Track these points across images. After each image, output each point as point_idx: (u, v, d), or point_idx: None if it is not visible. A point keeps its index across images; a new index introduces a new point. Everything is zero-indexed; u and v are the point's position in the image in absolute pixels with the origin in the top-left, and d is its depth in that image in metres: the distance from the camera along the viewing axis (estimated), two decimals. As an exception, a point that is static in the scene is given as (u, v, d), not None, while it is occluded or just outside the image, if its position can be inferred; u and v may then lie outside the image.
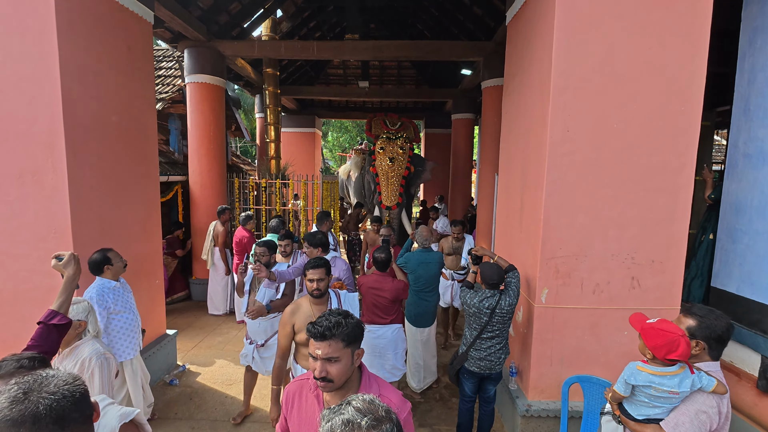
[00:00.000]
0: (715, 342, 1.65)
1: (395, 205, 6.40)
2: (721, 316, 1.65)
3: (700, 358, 1.67)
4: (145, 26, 3.69)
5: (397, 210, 6.46)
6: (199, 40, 5.86)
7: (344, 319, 1.35)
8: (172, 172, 5.95)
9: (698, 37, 2.64)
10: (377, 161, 6.57)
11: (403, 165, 6.52)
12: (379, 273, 3.20)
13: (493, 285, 2.71)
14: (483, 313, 2.68)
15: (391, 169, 6.40)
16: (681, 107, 2.69)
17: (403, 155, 6.54)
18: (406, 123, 7.13)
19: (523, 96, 3.33)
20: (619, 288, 2.86)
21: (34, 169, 2.82)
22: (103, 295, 2.74)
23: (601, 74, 2.69)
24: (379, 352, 3.17)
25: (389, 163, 6.41)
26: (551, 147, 2.75)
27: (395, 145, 6.59)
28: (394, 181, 6.41)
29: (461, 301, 2.84)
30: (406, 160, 6.56)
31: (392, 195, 6.40)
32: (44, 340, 1.51)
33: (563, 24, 2.67)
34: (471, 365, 2.77)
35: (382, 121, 7.07)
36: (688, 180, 2.75)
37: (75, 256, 1.70)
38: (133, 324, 2.93)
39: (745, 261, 3.11)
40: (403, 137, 6.77)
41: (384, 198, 6.43)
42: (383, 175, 6.47)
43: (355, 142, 21.25)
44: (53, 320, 1.55)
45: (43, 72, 2.74)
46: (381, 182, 6.51)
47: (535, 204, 2.95)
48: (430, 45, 6.31)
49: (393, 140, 6.68)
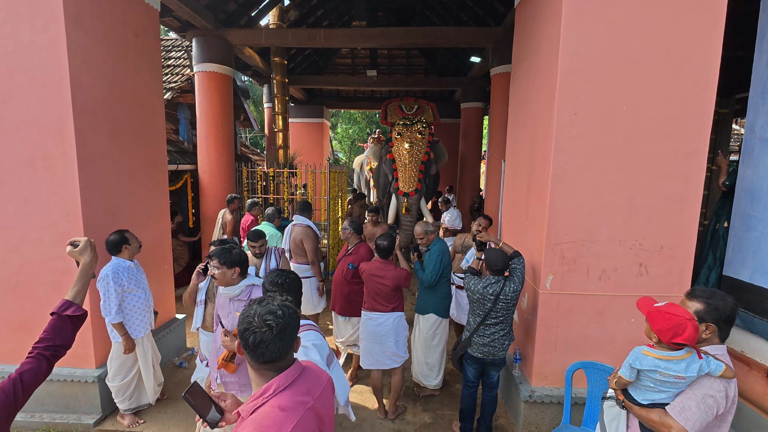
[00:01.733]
0: (724, 323, 1.62)
1: (413, 192, 6.01)
2: (725, 296, 1.63)
3: (710, 341, 1.64)
4: (152, 13, 3.71)
5: (416, 196, 6.06)
6: (206, 29, 5.88)
7: None
8: (181, 161, 6.02)
9: (714, 15, 2.54)
10: (394, 147, 6.25)
11: (422, 150, 6.17)
12: (381, 260, 3.16)
13: (498, 271, 2.69)
14: (487, 299, 2.67)
15: (410, 153, 6.06)
16: (694, 90, 2.60)
17: (422, 140, 6.18)
18: (424, 105, 6.73)
19: (531, 80, 3.26)
20: (626, 275, 2.81)
21: (45, 155, 2.88)
22: (118, 273, 2.88)
23: (611, 56, 2.62)
24: (380, 339, 3.15)
25: (407, 148, 6.06)
26: (558, 130, 2.70)
27: (413, 130, 6.24)
28: (413, 167, 6.05)
29: (465, 286, 2.83)
30: (425, 144, 6.20)
31: (410, 181, 6.02)
32: (57, 332, 1.39)
33: (572, 4, 2.60)
34: (474, 351, 2.77)
35: (397, 107, 6.74)
36: (701, 166, 2.67)
37: (91, 243, 1.58)
38: (144, 303, 3.06)
39: (760, 249, 3.02)
40: (421, 121, 6.40)
41: (401, 184, 6.06)
42: (400, 160, 6.13)
43: (364, 133, 21.14)
44: (68, 311, 1.42)
45: (52, 59, 2.78)
46: (398, 168, 6.16)
47: (542, 189, 2.91)
48: (438, 31, 6.21)
49: (410, 125, 6.32)
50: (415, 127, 6.29)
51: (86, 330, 3.06)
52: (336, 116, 21.38)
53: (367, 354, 3.21)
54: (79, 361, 3.11)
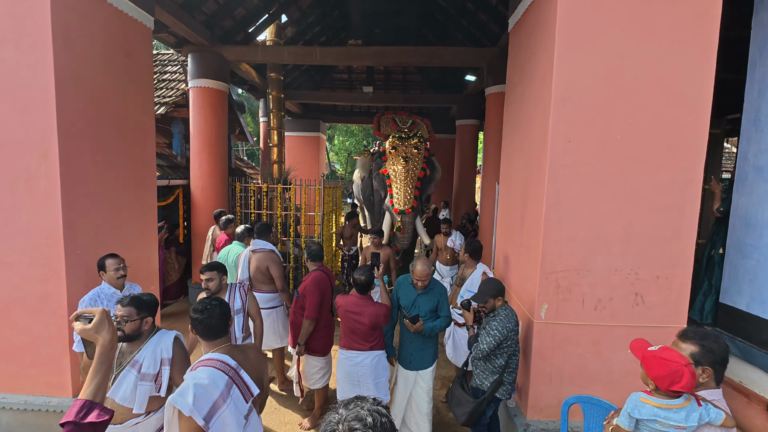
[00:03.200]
0: (719, 366, 1.57)
1: (409, 209, 5.66)
2: (718, 337, 1.58)
3: (707, 385, 1.57)
4: (144, 32, 3.68)
5: (412, 214, 5.71)
6: (202, 45, 5.87)
7: None
8: (173, 176, 5.95)
9: (706, 49, 2.54)
10: (388, 162, 5.92)
11: (419, 166, 5.89)
12: (358, 295, 2.89)
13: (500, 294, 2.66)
14: (514, 331, 2.60)
15: (405, 169, 5.75)
16: (688, 120, 2.59)
17: (418, 155, 5.93)
18: (418, 121, 6.52)
19: (524, 106, 3.25)
20: (622, 304, 2.76)
21: (27, 176, 2.80)
22: (96, 300, 2.67)
23: (605, 85, 2.61)
24: (357, 380, 2.89)
25: (403, 163, 5.76)
26: (552, 158, 2.67)
27: (409, 145, 5.98)
28: (409, 183, 5.72)
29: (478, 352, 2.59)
30: (421, 160, 5.94)
31: (406, 198, 5.67)
32: None
33: (565, 33, 2.60)
34: (502, 393, 2.66)
35: (391, 120, 6.49)
36: (695, 195, 2.65)
37: (107, 314, 1.25)
38: None
39: (756, 277, 2.99)
40: (417, 136, 6.19)
41: (396, 201, 5.69)
42: (395, 176, 5.81)
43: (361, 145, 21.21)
44: (89, 416, 1.07)
45: (38, 79, 2.73)
46: (393, 184, 5.82)
47: (536, 216, 2.86)
48: (433, 51, 6.25)
49: (406, 139, 6.07)
50: (410, 142, 6.05)
51: (63, 356, 2.94)
52: (333, 128, 21.47)
53: (345, 397, 2.99)
54: (55, 389, 2.98)
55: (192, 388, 1.49)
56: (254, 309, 3.12)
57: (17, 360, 2.99)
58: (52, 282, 2.87)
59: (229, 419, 1.56)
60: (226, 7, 5.87)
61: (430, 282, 2.97)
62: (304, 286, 3.21)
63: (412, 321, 2.79)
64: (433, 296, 2.96)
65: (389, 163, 5.93)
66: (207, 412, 1.49)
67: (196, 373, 1.58)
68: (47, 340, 2.93)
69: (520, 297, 3.17)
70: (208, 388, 1.53)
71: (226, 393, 1.58)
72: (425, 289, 2.95)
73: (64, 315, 2.87)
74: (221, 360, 1.65)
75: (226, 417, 1.55)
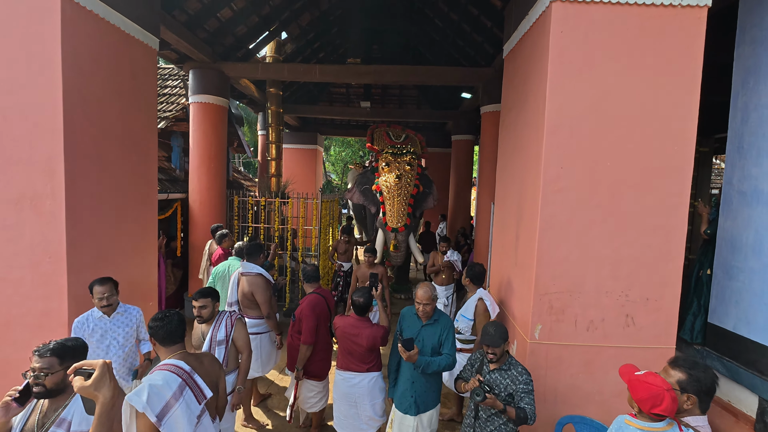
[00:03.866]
0: (705, 395, 1.63)
1: (403, 227, 5.59)
2: (707, 368, 1.65)
3: (691, 412, 1.65)
4: (150, 53, 3.78)
5: (405, 232, 5.66)
6: (204, 62, 5.98)
7: None
8: (172, 190, 5.99)
9: (690, 80, 2.68)
10: (381, 178, 5.87)
11: (412, 182, 5.85)
12: (356, 317, 2.87)
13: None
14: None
15: (398, 186, 5.69)
16: (674, 147, 2.72)
17: (411, 171, 5.89)
18: (412, 136, 6.53)
19: (518, 130, 3.37)
20: (613, 325, 2.84)
21: (33, 195, 2.85)
22: (84, 324, 2.66)
23: (595, 114, 2.73)
24: (354, 401, 2.87)
25: (396, 180, 5.69)
26: (545, 183, 2.77)
27: (402, 161, 5.94)
28: (402, 200, 5.68)
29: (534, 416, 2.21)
30: (414, 177, 5.91)
31: (400, 215, 5.62)
32: None
33: (557, 64, 2.72)
34: None
35: (384, 133, 6.46)
36: (682, 219, 2.75)
37: (109, 367, 1.15)
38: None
39: (742, 299, 3.09)
40: (410, 152, 6.15)
41: (389, 219, 5.64)
42: (389, 193, 5.73)
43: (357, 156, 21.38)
44: None
45: (47, 100, 2.80)
46: (386, 201, 5.77)
47: (530, 238, 2.95)
48: (430, 70, 6.41)
49: (399, 155, 6.03)
50: (403, 158, 6.01)
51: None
52: (329, 139, 21.63)
53: (341, 418, 2.96)
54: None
55: (147, 388, 1.63)
56: (242, 341, 2.81)
57: (15, 377, 2.99)
58: (54, 299, 2.90)
59: (181, 418, 1.69)
60: (228, 25, 6.00)
61: (435, 313, 2.70)
62: (300, 309, 3.17)
63: (406, 346, 2.43)
64: (436, 329, 2.65)
65: (382, 179, 5.90)
66: (160, 410, 1.63)
67: (152, 376, 1.73)
68: (46, 358, 2.94)
69: (515, 317, 3.24)
70: (162, 389, 1.66)
71: (179, 393, 1.72)
72: (430, 320, 2.68)
73: (64, 333, 2.89)
74: (176, 365, 1.80)
75: (178, 416, 1.68)
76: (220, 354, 2.72)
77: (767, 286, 2.88)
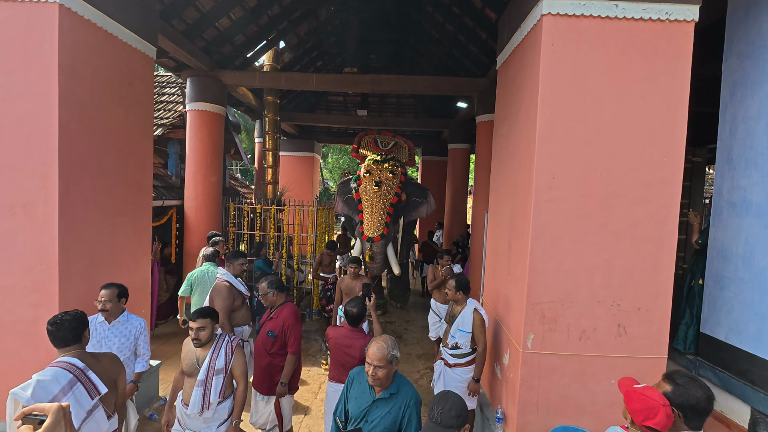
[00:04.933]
0: (689, 411, 1.57)
1: (378, 237, 5.37)
2: (702, 386, 1.59)
3: (676, 426, 1.64)
4: (147, 61, 3.81)
5: (381, 242, 5.42)
6: (201, 70, 6.02)
7: None
8: (168, 197, 5.99)
9: (679, 93, 2.73)
10: (362, 186, 5.73)
11: (392, 191, 5.65)
12: (350, 327, 2.81)
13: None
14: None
15: (377, 194, 5.51)
16: (663, 159, 2.75)
17: (393, 179, 5.70)
18: (401, 143, 6.39)
19: (511, 140, 3.40)
20: (605, 335, 2.84)
21: (26, 201, 2.85)
22: None
23: (586, 125, 2.77)
24: None
25: (375, 188, 5.53)
26: (537, 193, 2.80)
27: (383, 168, 5.77)
28: (379, 209, 5.47)
29: None
30: (395, 185, 5.70)
31: (375, 225, 5.39)
32: None
33: (548, 76, 2.77)
34: None
35: (372, 141, 6.34)
36: (673, 230, 2.78)
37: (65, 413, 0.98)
38: None
39: (733, 309, 3.11)
40: (393, 159, 5.96)
41: (365, 227, 5.45)
42: (367, 201, 5.57)
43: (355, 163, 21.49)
44: None
45: (43, 108, 2.82)
46: (364, 209, 5.59)
47: (522, 248, 2.97)
48: (426, 80, 6.48)
49: (381, 162, 5.85)
50: (385, 165, 5.80)
51: (52, 383, 2.91)
52: (327, 146, 21.72)
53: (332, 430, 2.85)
54: (42, 416, 2.94)
55: (34, 383, 1.70)
56: (239, 370, 2.57)
57: (2, 386, 2.95)
58: (45, 306, 2.88)
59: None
60: (226, 34, 6.06)
61: (393, 381, 1.96)
62: (282, 322, 2.94)
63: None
64: (393, 408, 1.90)
65: (362, 188, 5.74)
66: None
67: (42, 372, 1.80)
68: (36, 365, 2.88)
69: (508, 326, 3.25)
70: (49, 384, 1.74)
71: (68, 388, 1.79)
72: (384, 392, 1.94)
73: (54, 340, 2.86)
74: (68, 362, 1.88)
75: None
76: (218, 384, 2.46)
77: (757, 295, 2.91)
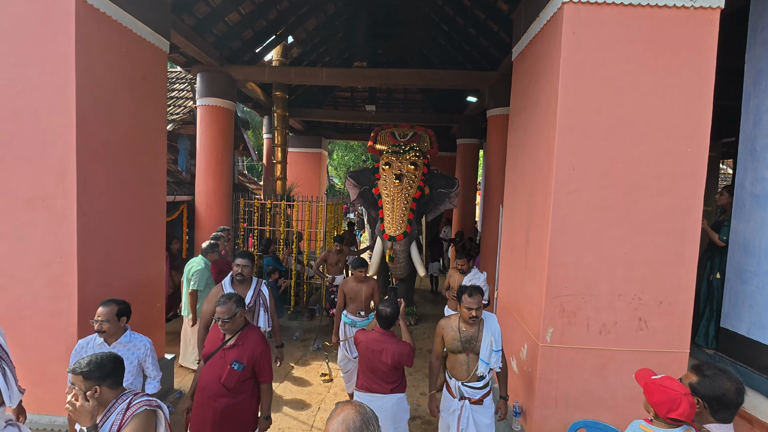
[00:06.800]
0: (716, 403, 1.55)
1: (401, 236, 4.85)
2: (732, 378, 1.57)
3: (701, 417, 1.61)
4: (160, 55, 3.80)
5: (404, 241, 4.89)
6: (211, 65, 6.02)
7: None
8: (178, 192, 6.00)
9: (704, 82, 2.67)
10: (381, 180, 5.24)
11: (415, 184, 5.11)
12: (381, 330, 2.64)
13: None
14: None
15: (398, 188, 4.98)
16: (687, 149, 2.70)
17: (415, 171, 5.16)
18: (421, 132, 5.85)
19: (529, 132, 3.36)
20: (626, 329, 2.81)
21: (45, 195, 2.85)
22: (84, 348, 2.42)
23: (607, 115, 2.72)
24: None
25: (395, 182, 5.01)
26: (557, 185, 2.76)
27: (404, 160, 5.26)
28: (401, 205, 4.96)
29: None
30: (418, 178, 5.17)
31: (397, 222, 4.89)
32: None
33: (569, 65, 2.72)
34: None
35: (389, 134, 5.86)
36: (696, 222, 2.73)
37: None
38: None
39: (756, 303, 3.05)
40: (414, 149, 5.40)
41: (386, 225, 4.94)
42: (387, 196, 5.06)
43: (360, 161, 21.44)
44: None
45: (60, 102, 2.81)
46: (384, 206, 5.08)
47: (541, 241, 2.93)
48: (436, 74, 6.43)
49: (402, 153, 5.35)
50: (406, 156, 5.29)
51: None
52: (333, 143, 21.71)
53: None
54: (61, 408, 2.96)
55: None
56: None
57: (23, 379, 2.96)
58: (63, 299, 2.90)
59: None
60: (236, 29, 6.05)
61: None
62: (252, 350, 2.34)
63: None
64: None
65: (381, 182, 5.22)
66: None
67: None
68: (55, 358, 2.93)
69: (525, 320, 3.22)
70: None
71: None
72: None
73: (74, 332, 2.88)
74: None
75: None
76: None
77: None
